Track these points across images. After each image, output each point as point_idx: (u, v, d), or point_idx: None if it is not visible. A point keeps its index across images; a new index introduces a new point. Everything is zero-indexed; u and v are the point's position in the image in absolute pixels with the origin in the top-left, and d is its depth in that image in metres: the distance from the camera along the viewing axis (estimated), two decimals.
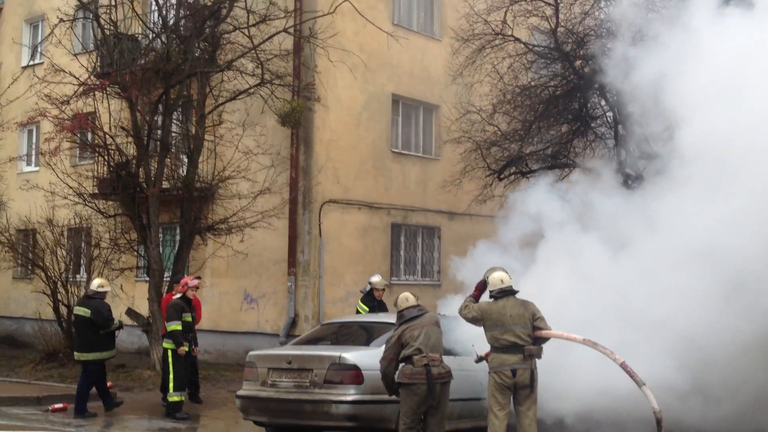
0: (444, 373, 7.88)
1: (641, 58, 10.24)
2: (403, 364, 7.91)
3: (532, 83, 16.08)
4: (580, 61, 15.54)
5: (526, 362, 8.17)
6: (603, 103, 16.12)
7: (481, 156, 16.30)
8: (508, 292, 8.43)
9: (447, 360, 8.52)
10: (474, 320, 8.39)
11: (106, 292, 12.01)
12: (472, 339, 8.80)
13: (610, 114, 15.78)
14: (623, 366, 7.77)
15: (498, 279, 8.49)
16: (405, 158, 18.52)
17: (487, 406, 8.31)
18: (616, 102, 15.40)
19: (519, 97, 15.91)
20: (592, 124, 16.16)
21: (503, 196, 16.61)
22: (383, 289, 13.12)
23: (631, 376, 7.73)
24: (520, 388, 8.18)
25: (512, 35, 15.71)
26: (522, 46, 15.89)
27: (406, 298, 8.25)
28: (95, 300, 11.82)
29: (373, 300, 12.87)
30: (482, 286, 8.56)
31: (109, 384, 13.79)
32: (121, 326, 12.09)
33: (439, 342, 7.99)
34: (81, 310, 11.85)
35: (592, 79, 14.72)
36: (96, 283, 12.17)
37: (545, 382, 8.44)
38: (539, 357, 8.31)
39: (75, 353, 11.98)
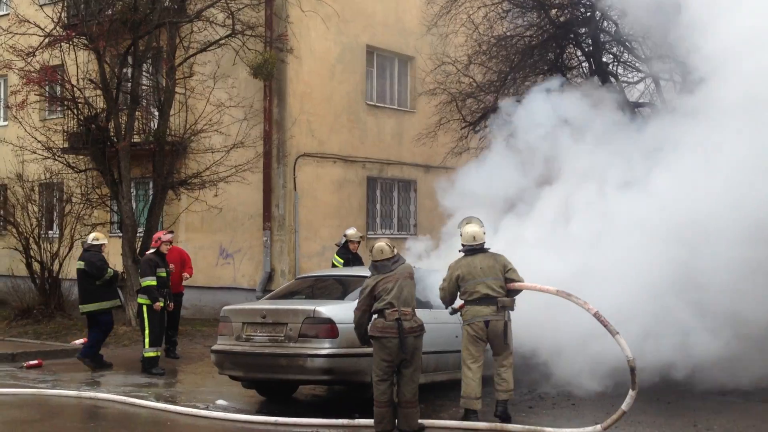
0: (416, 327, 7.82)
1: None
2: (376, 316, 7.88)
3: (508, 33, 15.91)
4: (555, 10, 15.38)
5: (499, 314, 8.24)
6: (579, 53, 16.02)
7: (457, 108, 16.19)
8: (477, 250, 8.45)
9: (421, 313, 8.54)
10: (453, 294, 8.52)
11: (101, 245, 12.09)
12: None
13: (585, 64, 15.69)
14: (597, 316, 7.81)
15: (470, 236, 8.52)
16: (380, 111, 18.36)
17: (461, 358, 8.35)
18: (591, 52, 15.33)
19: (494, 47, 15.74)
20: (568, 75, 16.05)
21: (478, 148, 16.59)
22: (358, 242, 13.06)
23: (605, 326, 7.79)
24: (494, 339, 8.23)
25: None
26: None
27: (381, 249, 8.06)
28: (89, 252, 12.05)
29: (348, 253, 12.82)
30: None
31: (83, 340, 13.77)
32: (116, 275, 12.17)
33: (411, 295, 7.93)
34: (78, 264, 12.14)
35: (568, 29, 14.59)
36: (91, 236, 12.41)
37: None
38: (512, 309, 8.37)
39: (79, 306, 12.19)
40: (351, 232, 13.06)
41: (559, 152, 10.51)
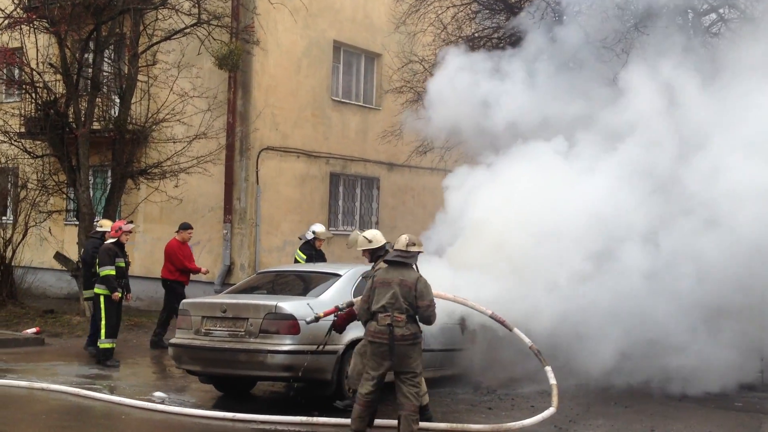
0: (408, 335, 7.30)
1: None
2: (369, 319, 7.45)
3: (476, 34, 15.93)
4: (524, 14, 15.42)
5: None
6: None
7: (423, 107, 16.14)
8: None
9: None
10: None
11: (104, 233, 11.84)
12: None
13: None
14: (493, 316, 8.18)
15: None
16: (345, 107, 18.26)
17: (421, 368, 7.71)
18: None
19: (462, 48, 15.72)
20: None
21: (443, 148, 16.60)
22: (324, 240, 12.94)
23: (502, 323, 8.18)
24: None
25: None
26: None
27: (398, 240, 7.57)
28: (90, 239, 12.05)
29: (312, 249, 12.69)
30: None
31: (36, 330, 13.46)
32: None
33: (407, 302, 7.34)
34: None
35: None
36: (99, 223, 12.46)
37: None
38: None
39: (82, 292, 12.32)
40: (321, 230, 12.85)
41: None
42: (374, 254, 8.32)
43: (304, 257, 12.52)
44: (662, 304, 9.28)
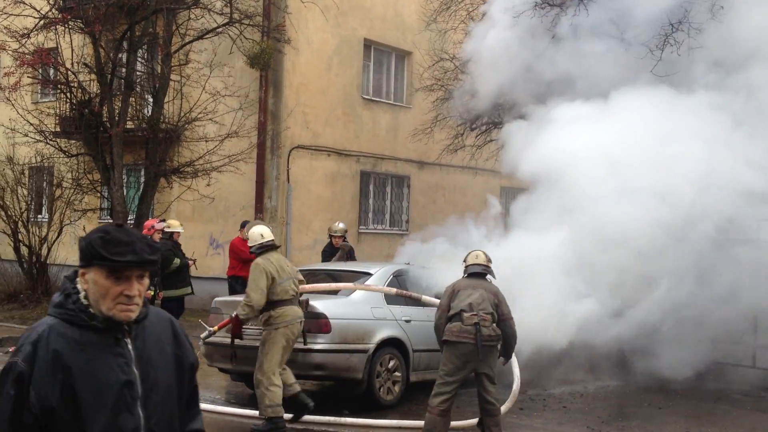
0: (494, 336, 7.24)
1: None
2: (451, 321, 7.29)
3: None
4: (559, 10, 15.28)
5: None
6: None
7: (454, 105, 16.09)
8: (269, 247, 8.07)
9: (411, 310, 8.65)
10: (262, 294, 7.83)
11: (172, 233, 11.92)
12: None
13: None
14: (399, 293, 8.69)
15: (258, 234, 8.11)
16: (376, 105, 18.26)
17: (269, 368, 7.82)
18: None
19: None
20: None
21: (474, 146, 16.53)
22: (341, 236, 12.92)
23: (410, 296, 8.69)
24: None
25: None
26: None
27: (477, 255, 7.63)
28: (162, 240, 11.96)
29: (330, 247, 12.79)
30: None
31: None
32: (184, 265, 11.85)
33: (492, 306, 7.32)
34: None
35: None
36: (164, 223, 12.28)
37: None
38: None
39: None
40: (333, 226, 12.94)
41: None
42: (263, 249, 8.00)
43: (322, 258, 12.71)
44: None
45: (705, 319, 9.11)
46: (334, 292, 9.64)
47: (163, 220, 12.60)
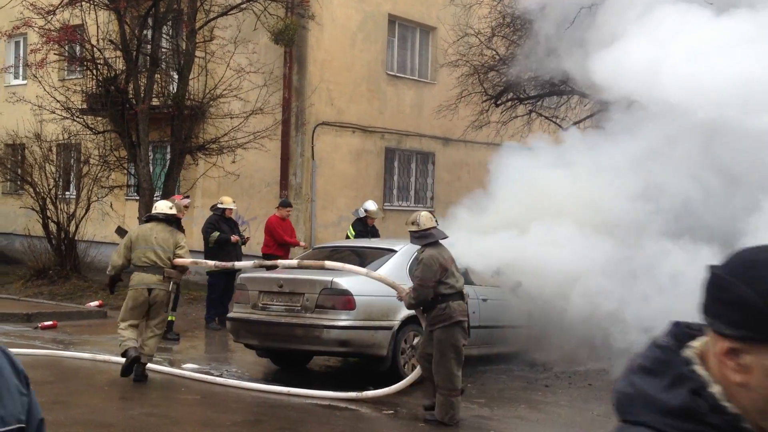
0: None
1: None
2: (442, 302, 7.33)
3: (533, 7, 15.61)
4: None
5: (164, 283, 8.61)
6: None
7: (479, 81, 15.97)
8: (151, 217, 9.00)
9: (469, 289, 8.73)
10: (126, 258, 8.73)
11: (223, 209, 12.20)
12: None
13: None
14: (368, 275, 8.22)
15: (159, 208, 9.01)
16: (400, 81, 18.16)
17: (122, 316, 8.71)
18: None
19: (519, 20, 15.47)
20: None
21: (499, 122, 16.40)
22: (375, 218, 12.95)
23: (382, 281, 8.14)
24: (153, 305, 8.63)
25: None
26: None
27: (430, 217, 7.70)
28: (213, 216, 12.29)
29: (365, 226, 12.74)
30: None
31: (99, 303, 13.81)
32: (224, 240, 12.00)
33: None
34: None
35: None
36: (220, 199, 12.61)
37: None
38: (178, 281, 9.02)
39: None
40: (373, 208, 12.89)
41: None
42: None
43: (354, 233, 12.56)
44: None
45: None
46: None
47: (187, 197, 12.66)
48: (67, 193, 17.15)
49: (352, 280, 8.86)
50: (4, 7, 17.26)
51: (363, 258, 10.04)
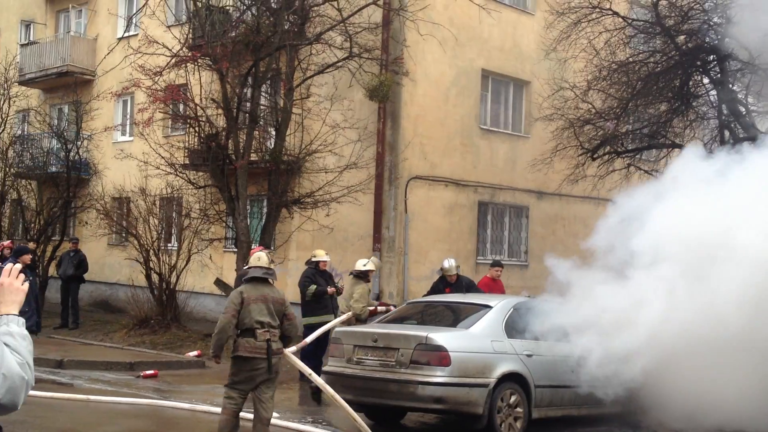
0: (280, 350, 7.84)
1: None
2: (240, 337, 7.64)
3: (630, 59, 15.46)
4: (682, 37, 14.83)
5: None
6: (706, 80, 15.38)
7: (574, 134, 15.82)
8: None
9: (533, 344, 8.46)
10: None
11: (317, 262, 12.17)
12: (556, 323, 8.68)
13: (713, 93, 15.05)
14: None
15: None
16: (493, 135, 18.15)
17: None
18: (720, 79, 14.69)
19: (615, 73, 15.34)
20: (694, 103, 15.46)
21: (596, 176, 16.15)
22: (455, 274, 12.81)
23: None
24: None
25: (610, 9, 15.14)
26: (620, 20, 15.30)
27: (259, 257, 7.94)
28: (308, 269, 12.20)
29: (443, 283, 12.70)
30: None
31: (197, 353, 14.10)
32: (321, 292, 11.87)
33: (278, 316, 7.81)
34: None
35: (695, 56, 14.03)
36: (313, 252, 12.54)
37: None
38: None
39: None
40: (447, 265, 12.76)
41: None
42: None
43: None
44: None
45: None
46: (454, 324, 9.56)
47: (268, 248, 12.82)
48: (169, 245, 17.72)
49: (448, 335, 8.79)
50: (114, 68, 18.29)
51: (458, 313, 9.96)
